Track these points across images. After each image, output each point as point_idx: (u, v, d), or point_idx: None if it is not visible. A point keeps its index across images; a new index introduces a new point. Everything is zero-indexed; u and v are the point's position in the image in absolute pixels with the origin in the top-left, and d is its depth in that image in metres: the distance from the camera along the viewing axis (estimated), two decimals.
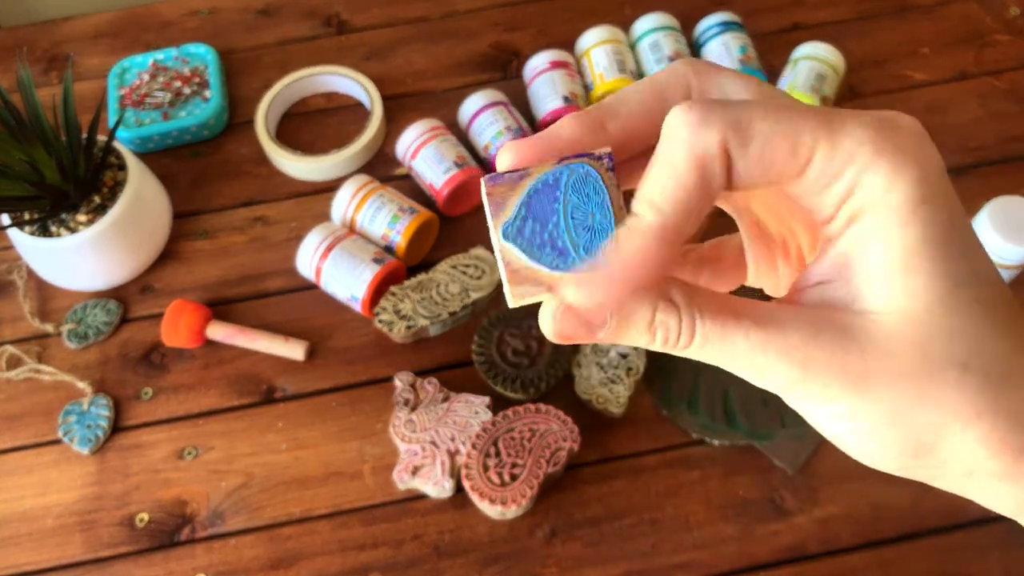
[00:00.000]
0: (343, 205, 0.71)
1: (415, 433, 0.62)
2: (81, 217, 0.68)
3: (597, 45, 0.79)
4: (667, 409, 0.64)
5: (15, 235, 0.68)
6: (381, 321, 0.66)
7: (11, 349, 0.70)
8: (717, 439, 0.62)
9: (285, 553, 0.60)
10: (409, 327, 0.66)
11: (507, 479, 0.58)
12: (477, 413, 0.62)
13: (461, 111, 0.77)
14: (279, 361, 0.68)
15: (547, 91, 0.77)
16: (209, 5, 0.92)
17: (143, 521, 0.62)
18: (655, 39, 0.79)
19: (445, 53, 0.87)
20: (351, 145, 0.78)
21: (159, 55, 0.85)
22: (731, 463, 0.62)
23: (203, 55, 0.85)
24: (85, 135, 0.68)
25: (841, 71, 0.77)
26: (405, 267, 0.70)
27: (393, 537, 0.60)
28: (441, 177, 0.72)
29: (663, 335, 0.22)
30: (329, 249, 0.68)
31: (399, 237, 0.69)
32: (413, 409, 0.63)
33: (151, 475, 0.64)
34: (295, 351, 0.68)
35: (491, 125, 0.74)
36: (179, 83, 0.83)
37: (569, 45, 0.82)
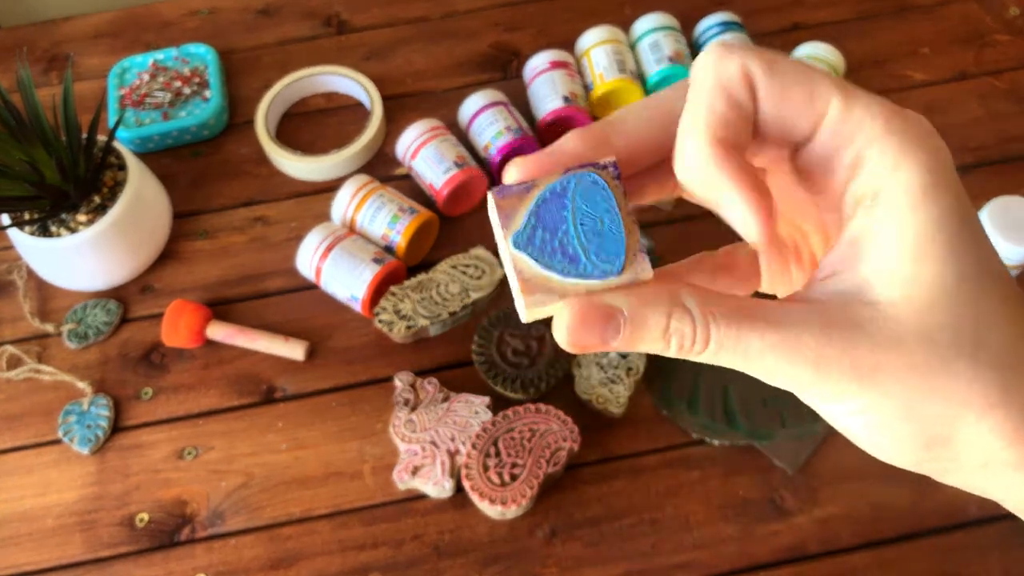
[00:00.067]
0: (343, 205, 0.71)
1: (415, 433, 0.62)
2: (81, 217, 0.68)
3: (597, 45, 0.79)
4: (667, 409, 0.64)
5: (15, 235, 0.68)
6: (381, 321, 0.66)
7: (11, 349, 0.70)
8: (717, 439, 0.62)
9: (285, 553, 0.60)
10: (409, 327, 0.66)
11: (507, 479, 0.58)
12: (477, 413, 0.62)
13: (461, 111, 0.77)
14: (279, 361, 0.68)
15: (547, 91, 0.77)
16: (209, 5, 0.93)
17: (143, 521, 0.62)
18: (655, 39, 0.79)
19: (445, 53, 0.87)
20: (351, 145, 0.78)
21: (159, 55, 0.85)
22: (731, 463, 0.62)
23: (203, 55, 0.85)
24: (85, 135, 0.68)
25: (841, 71, 0.77)
26: (405, 267, 0.70)
27: (393, 537, 0.60)
28: (441, 177, 0.72)
29: (678, 341, 0.22)
30: (329, 249, 0.68)
31: (399, 237, 0.69)
32: (413, 409, 0.63)
33: (151, 475, 0.64)
34: (295, 351, 0.68)
35: (491, 125, 0.74)
36: (179, 83, 0.83)
37: (569, 45, 0.82)
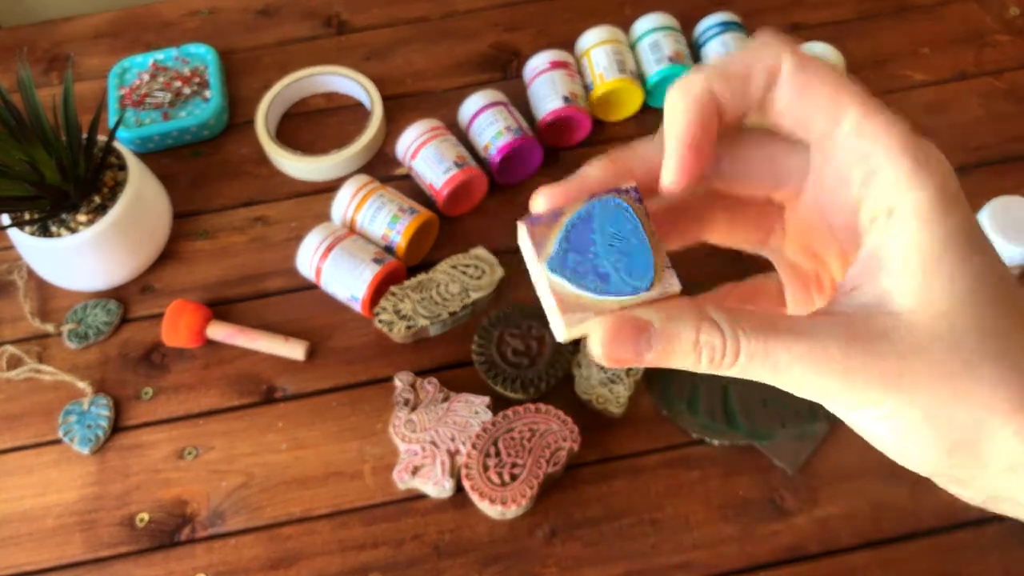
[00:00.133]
0: (343, 205, 0.71)
1: (415, 433, 0.62)
2: (81, 217, 0.68)
3: (597, 45, 0.79)
4: (667, 409, 0.64)
5: (15, 235, 0.68)
6: (381, 321, 0.66)
7: (11, 349, 0.70)
8: (717, 439, 0.62)
9: (285, 553, 0.60)
10: (409, 327, 0.66)
11: (507, 479, 0.58)
12: (477, 413, 0.62)
13: (461, 111, 0.77)
14: (279, 361, 0.68)
15: (547, 91, 0.77)
16: (209, 5, 0.93)
17: (143, 521, 0.62)
18: (655, 39, 0.79)
19: (445, 53, 0.87)
20: (351, 145, 0.78)
21: (159, 55, 0.85)
22: (731, 463, 0.62)
23: (203, 55, 0.85)
24: (85, 135, 0.68)
25: (841, 71, 0.77)
26: (405, 267, 0.70)
27: (393, 537, 0.60)
28: (441, 177, 0.72)
29: (708, 355, 0.22)
30: (329, 249, 0.68)
31: (399, 237, 0.69)
32: (413, 409, 0.63)
33: (151, 475, 0.64)
34: (295, 351, 0.68)
35: (491, 125, 0.74)
36: (179, 83, 0.83)
37: (569, 45, 0.82)
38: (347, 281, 0.67)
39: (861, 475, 0.61)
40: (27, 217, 0.68)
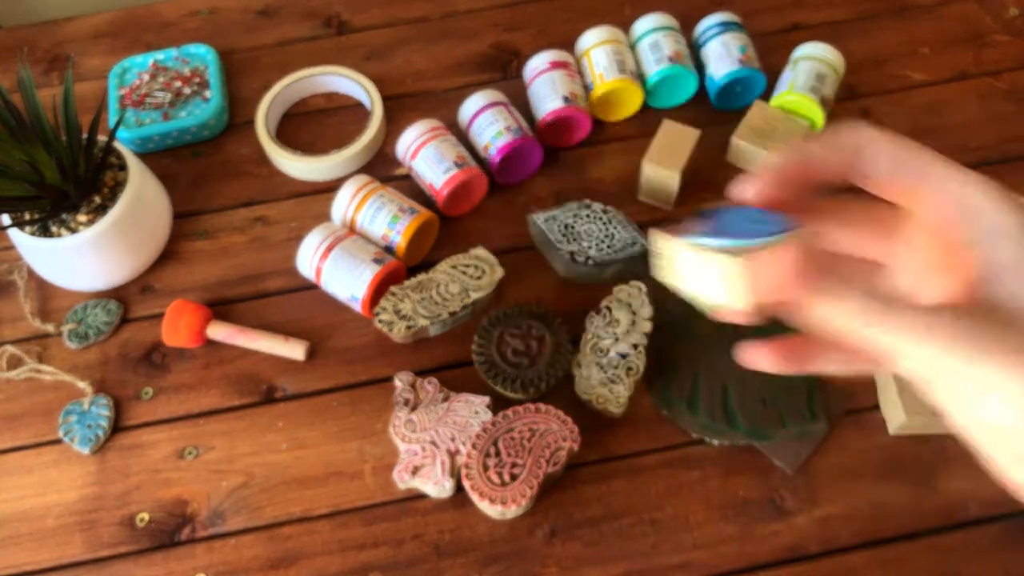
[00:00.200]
0: (343, 205, 0.71)
1: (415, 433, 0.62)
2: (81, 217, 0.68)
3: (597, 45, 0.79)
4: (667, 409, 0.64)
5: (15, 235, 0.68)
6: (381, 321, 0.66)
7: (11, 349, 0.70)
8: (717, 439, 0.62)
9: (285, 553, 0.60)
10: (409, 327, 0.66)
11: (507, 479, 0.58)
12: (477, 413, 0.62)
13: (461, 111, 0.77)
14: (279, 361, 0.69)
15: (547, 91, 0.77)
16: (209, 5, 0.93)
17: (143, 521, 0.62)
18: (655, 39, 0.79)
19: (445, 53, 0.87)
20: (351, 145, 0.78)
21: (159, 55, 0.85)
22: (731, 463, 0.62)
23: (203, 55, 0.85)
24: (85, 135, 0.68)
25: (841, 71, 0.78)
26: (405, 267, 0.70)
27: (393, 537, 0.60)
28: (441, 177, 0.72)
29: (862, 308, 0.27)
30: (329, 249, 0.68)
31: (399, 237, 0.69)
32: (413, 409, 0.63)
33: (151, 475, 0.64)
34: (295, 351, 0.68)
35: (491, 125, 0.74)
36: (179, 83, 0.83)
37: (569, 45, 0.82)
38: (347, 281, 0.67)
39: (861, 475, 0.61)
40: (27, 217, 0.68)
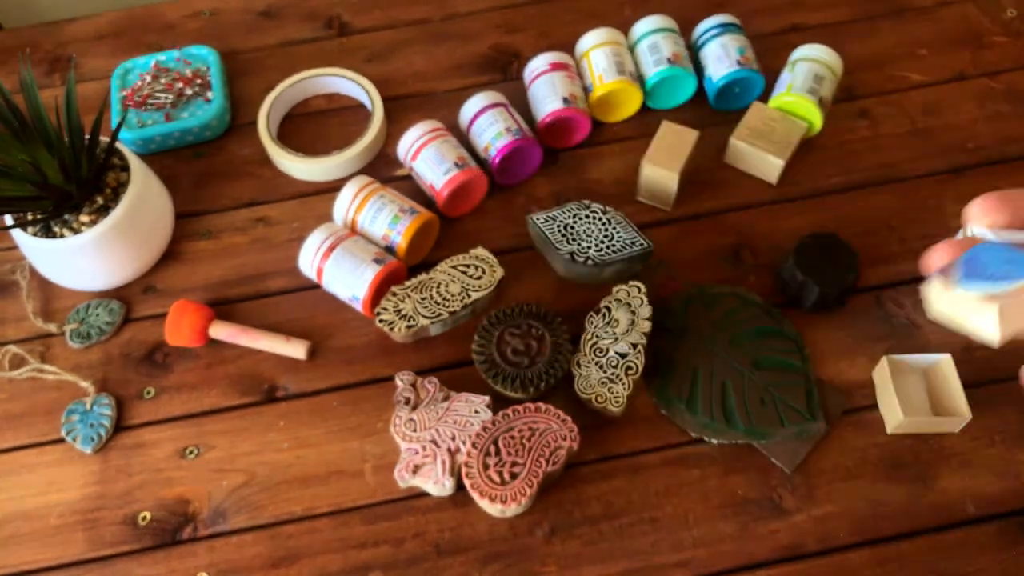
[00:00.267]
0: (344, 206, 0.72)
1: (416, 432, 0.62)
2: (84, 218, 0.68)
3: (597, 47, 0.80)
4: (666, 408, 0.64)
5: (18, 236, 0.69)
6: (382, 321, 0.66)
7: (14, 349, 0.70)
8: (716, 438, 0.62)
9: (286, 552, 0.61)
10: (410, 327, 0.66)
11: (507, 478, 0.59)
12: (477, 412, 0.62)
13: (462, 112, 0.78)
14: (281, 360, 0.69)
15: (547, 92, 0.77)
16: (211, 7, 0.93)
17: (145, 520, 0.62)
18: (654, 41, 0.79)
19: (446, 55, 0.87)
20: (352, 146, 0.78)
21: (161, 56, 0.85)
22: (730, 462, 0.62)
23: (205, 56, 0.85)
24: (88, 136, 0.68)
25: (839, 72, 0.78)
26: (406, 267, 0.71)
27: (394, 535, 0.61)
28: (441, 178, 0.72)
29: None
30: (331, 249, 0.68)
31: (400, 238, 0.70)
32: (414, 408, 0.63)
33: (153, 474, 0.64)
34: (297, 350, 0.68)
35: (491, 126, 0.75)
36: (181, 84, 0.83)
37: (569, 47, 0.82)
38: (348, 281, 0.68)
39: (859, 474, 0.61)
40: (30, 217, 0.69)
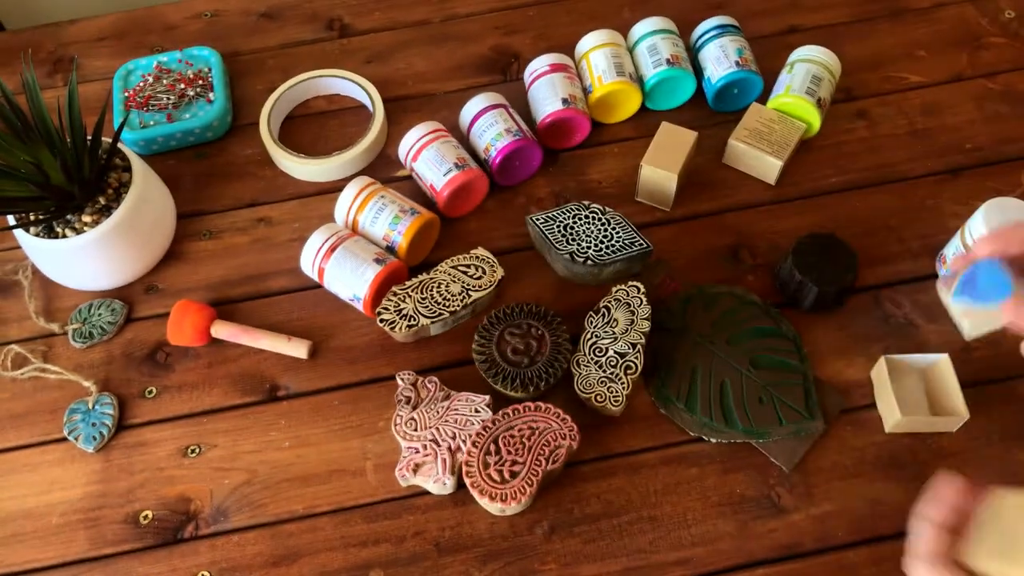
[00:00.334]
0: (346, 206, 0.72)
1: (416, 431, 0.62)
2: (86, 218, 0.68)
3: (596, 48, 0.80)
4: (665, 407, 0.64)
5: (21, 236, 0.69)
6: (383, 320, 0.67)
7: (17, 348, 0.70)
8: (715, 437, 0.63)
9: (288, 550, 0.61)
10: (411, 326, 0.66)
11: (507, 476, 0.59)
12: (477, 411, 0.62)
13: (462, 114, 0.78)
14: (282, 360, 0.69)
15: (547, 93, 0.77)
16: (213, 8, 0.93)
17: (147, 518, 0.63)
18: (653, 42, 0.80)
19: (446, 56, 0.88)
20: (353, 147, 0.79)
21: (163, 57, 0.86)
22: (729, 461, 0.62)
23: (207, 58, 0.86)
24: (90, 137, 0.68)
25: (837, 73, 0.78)
26: (406, 267, 0.71)
27: (395, 533, 0.61)
28: (442, 178, 0.73)
29: None
30: (332, 249, 0.69)
31: (400, 238, 0.70)
32: (415, 407, 0.63)
33: (155, 473, 0.65)
34: (298, 350, 0.68)
35: (491, 127, 0.75)
36: (183, 85, 0.84)
37: (569, 48, 0.83)
38: (349, 281, 0.68)
39: (857, 473, 0.61)
40: (32, 218, 0.69)
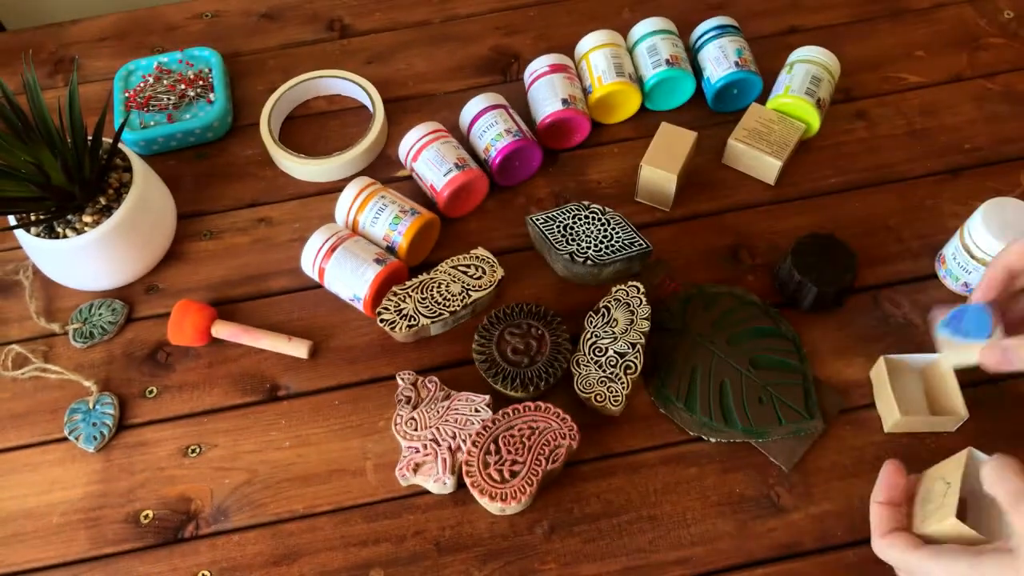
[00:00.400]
0: (346, 206, 0.72)
1: (416, 431, 0.62)
2: (87, 218, 0.69)
3: (596, 49, 0.80)
4: (665, 407, 0.64)
5: (21, 236, 0.69)
6: (383, 320, 0.67)
7: (17, 348, 0.71)
8: (714, 437, 0.63)
9: (288, 549, 0.61)
10: (411, 326, 0.67)
11: (507, 476, 0.59)
12: (477, 411, 0.63)
13: (462, 114, 0.78)
14: (283, 360, 0.69)
15: (546, 94, 0.77)
16: (213, 9, 0.93)
17: (148, 518, 0.63)
18: (653, 43, 0.80)
19: (446, 56, 0.88)
20: (354, 147, 0.79)
21: (164, 58, 0.86)
22: (728, 460, 0.63)
23: (207, 58, 0.86)
24: (90, 137, 0.68)
25: (836, 74, 0.78)
26: (407, 267, 0.71)
27: (395, 533, 0.61)
28: (442, 179, 0.73)
29: None
30: (332, 250, 0.69)
31: (401, 238, 0.70)
32: (415, 407, 0.64)
33: (156, 472, 0.65)
34: (299, 350, 0.68)
35: (491, 127, 0.75)
36: (184, 86, 0.84)
37: (569, 49, 0.83)
38: (350, 281, 0.68)
39: (856, 472, 0.61)
40: (33, 218, 0.69)
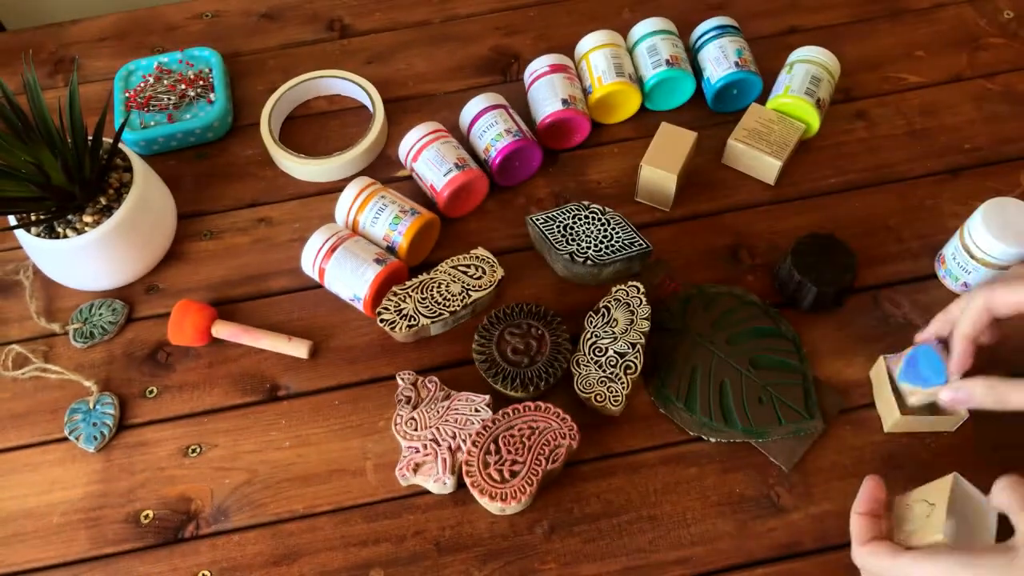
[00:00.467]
0: (346, 206, 0.72)
1: (416, 431, 0.62)
2: (87, 218, 0.69)
3: (596, 49, 0.80)
4: (664, 407, 0.65)
5: (21, 236, 0.69)
6: (383, 320, 0.67)
7: (18, 348, 0.71)
8: (714, 437, 0.63)
9: (288, 549, 0.61)
10: (411, 326, 0.67)
11: (507, 476, 0.59)
12: (477, 411, 0.63)
13: (462, 114, 0.78)
14: (283, 360, 0.69)
15: (546, 94, 0.78)
16: (213, 9, 0.94)
17: (148, 518, 0.63)
18: (653, 43, 0.80)
19: (446, 56, 0.88)
20: (354, 147, 0.79)
21: (164, 58, 0.86)
22: (728, 460, 0.63)
23: (208, 58, 0.86)
24: (91, 137, 0.68)
25: (836, 74, 0.78)
26: (407, 267, 0.71)
27: (395, 533, 0.61)
28: (442, 179, 0.73)
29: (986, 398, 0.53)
30: (332, 250, 0.69)
31: (401, 238, 0.70)
32: (415, 407, 0.64)
33: (156, 472, 0.65)
34: (299, 350, 0.69)
35: (491, 127, 0.75)
36: (184, 86, 0.84)
37: (569, 49, 0.83)
38: (350, 281, 0.68)
39: (856, 472, 0.61)
40: (33, 218, 0.69)
